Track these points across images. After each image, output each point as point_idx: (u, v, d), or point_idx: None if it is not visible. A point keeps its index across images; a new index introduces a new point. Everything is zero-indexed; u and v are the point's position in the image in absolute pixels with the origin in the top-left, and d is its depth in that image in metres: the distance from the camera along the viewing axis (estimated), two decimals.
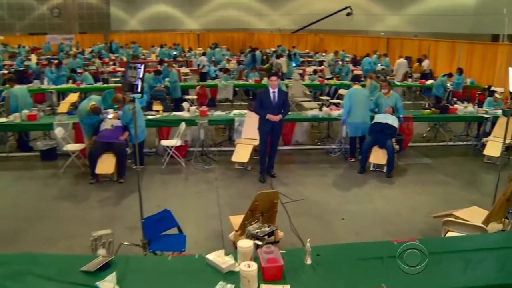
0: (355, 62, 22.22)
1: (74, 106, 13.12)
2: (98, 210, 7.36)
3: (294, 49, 26.77)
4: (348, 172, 9.23)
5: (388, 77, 17.04)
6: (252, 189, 7.95)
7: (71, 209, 7.36)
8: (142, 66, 5.15)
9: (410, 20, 29.67)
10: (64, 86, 15.28)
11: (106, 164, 8.47)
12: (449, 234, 5.02)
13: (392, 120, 9.30)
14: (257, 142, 9.28)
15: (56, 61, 17.44)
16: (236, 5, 37.31)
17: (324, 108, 10.59)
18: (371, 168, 9.21)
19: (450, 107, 11.22)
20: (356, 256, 3.92)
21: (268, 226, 4.54)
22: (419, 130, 11.73)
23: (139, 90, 5.14)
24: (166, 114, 10.48)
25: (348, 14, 28.67)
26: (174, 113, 10.66)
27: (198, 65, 20.52)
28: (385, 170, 9.08)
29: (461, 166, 9.80)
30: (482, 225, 5.01)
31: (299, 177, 8.74)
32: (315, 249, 3.87)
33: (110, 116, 9.31)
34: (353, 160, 9.68)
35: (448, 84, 15.76)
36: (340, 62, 18.56)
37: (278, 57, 21.76)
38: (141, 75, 5.13)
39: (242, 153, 9.02)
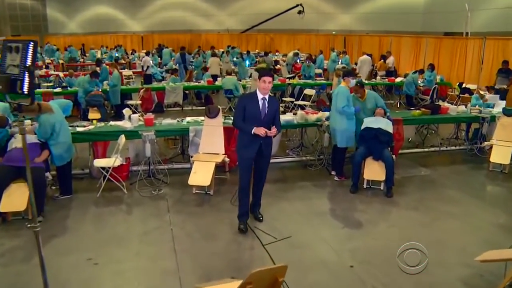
0: (311, 60, 20.29)
1: None
2: None
3: (235, 49, 24.75)
4: (338, 191, 7.11)
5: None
6: (219, 225, 5.78)
7: None
8: (32, 45, 2.80)
9: (361, 19, 28.31)
10: None
11: (16, 198, 5.94)
12: None
13: (386, 124, 7.29)
14: (219, 158, 7.01)
15: None
16: (181, 5, 34.70)
17: (299, 112, 8.38)
18: (365, 185, 7.14)
19: (442, 106, 9.34)
20: None
21: None
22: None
23: (25, 89, 2.80)
24: (101, 124, 7.98)
25: (300, 12, 26.80)
26: (112, 122, 8.18)
27: (142, 66, 17.94)
28: (382, 187, 7.04)
29: (465, 176, 7.91)
30: None
31: (277, 202, 6.54)
32: None
33: None
34: (343, 179, 7.55)
35: (419, 81, 14.08)
36: (305, 62, 16.56)
37: (266, 54, 19.94)
38: (29, 62, 2.80)
39: (201, 174, 6.71)
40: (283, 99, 13.68)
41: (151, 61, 18.16)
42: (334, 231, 5.74)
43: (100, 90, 11.92)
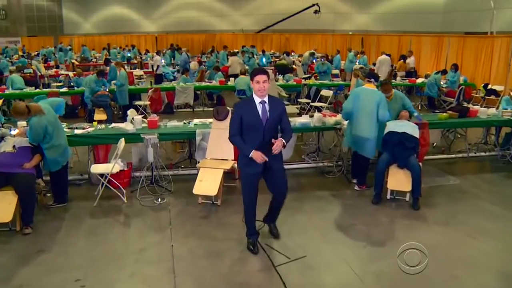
0: (328, 61, 19.56)
1: None
2: None
3: (253, 49, 24.20)
4: (358, 202, 6.37)
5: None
6: (225, 241, 5.11)
7: None
8: None
9: (378, 19, 27.38)
10: None
11: (2, 208, 5.33)
12: None
13: (412, 129, 6.55)
14: (228, 165, 6.33)
15: None
16: (195, 5, 34.10)
17: (317, 115, 7.65)
18: (388, 196, 6.40)
19: (470, 109, 8.54)
20: None
21: None
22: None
23: None
24: (102, 126, 7.36)
25: (316, 12, 26.03)
26: (114, 124, 7.55)
27: (153, 66, 17.36)
28: (407, 198, 6.29)
29: (500, 187, 7.09)
30: None
31: (291, 215, 5.82)
32: None
33: (14, 132, 6.19)
34: (364, 188, 6.82)
35: (442, 82, 13.25)
36: (319, 60, 15.85)
37: (288, 54, 19.44)
38: None
39: (207, 183, 6.03)
40: (299, 100, 12.96)
41: (162, 61, 17.60)
42: (355, 249, 5.01)
43: (107, 90, 11.33)
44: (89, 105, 11.13)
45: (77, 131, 6.95)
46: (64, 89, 12.21)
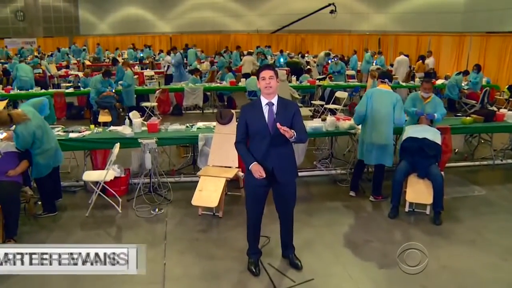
0: (344, 62, 18.92)
1: None
2: None
3: (268, 49, 23.70)
4: (374, 216, 5.77)
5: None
6: (224, 260, 4.55)
7: None
8: None
9: (396, 19, 26.53)
10: None
11: None
12: None
13: (433, 134, 5.92)
14: (231, 173, 5.77)
15: None
16: (211, 6, 33.59)
17: (329, 118, 7.05)
18: (407, 209, 5.77)
19: (497, 112, 7.86)
20: None
21: None
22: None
23: None
24: (99, 129, 6.86)
25: (332, 12, 25.35)
26: (112, 128, 7.05)
27: (163, 66, 16.91)
28: (428, 211, 5.67)
29: None
30: None
31: (299, 230, 5.23)
32: None
33: (1, 136, 5.71)
34: (380, 199, 6.22)
35: (463, 84, 12.53)
36: (333, 60, 15.23)
37: (303, 56, 19.12)
38: None
39: (208, 193, 5.49)
40: (312, 102, 12.36)
41: (173, 61, 17.14)
42: (369, 272, 4.42)
43: (113, 90, 10.88)
44: (94, 107, 10.69)
45: (72, 135, 6.48)
46: (70, 90, 11.81)
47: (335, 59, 14.72)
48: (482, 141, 8.68)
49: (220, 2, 33.47)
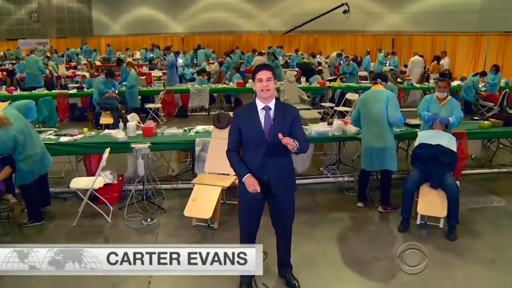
0: (356, 62, 18.40)
1: None
2: None
3: (280, 50, 23.29)
4: (382, 229, 5.29)
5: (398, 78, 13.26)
6: (215, 279, 4.09)
7: None
8: None
9: (410, 19, 25.82)
10: None
11: None
12: None
13: (448, 140, 5.41)
14: (228, 181, 5.34)
15: None
16: (223, 6, 33.22)
17: (336, 122, 6.57)
18: (418, 221, 5.28)
19: None
20: None
21: None
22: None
23: None
24: (92, 133, 6.48)
25: (345, 12, 24.81)
26: (106, 131, 6.67)
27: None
28: (441, 224, 5.17)
29: None
30: None
31: (300, 243, 4.78)
32: None
33: None
34: (389, 209, 5.73)
35: (481, 85, 11.93)
36: (345, 61, 14.75)
37: (314, 56, 18.75)
38: None
39: (202, 203, 5.06)
40: (322, 104, 11.87)
41: (180, 61, 16.79)
42: None
43: (116, 92, 10.53)
44: (97, 108, 10.36)
45: (62, 139, 6.10)
46: (73, 91, 11.50)
47: (346, 59, 14.19)
48: (501, 146, 8.14)
49: (233, 2, 33.12)
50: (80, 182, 5.50)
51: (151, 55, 21.95)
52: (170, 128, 6.64)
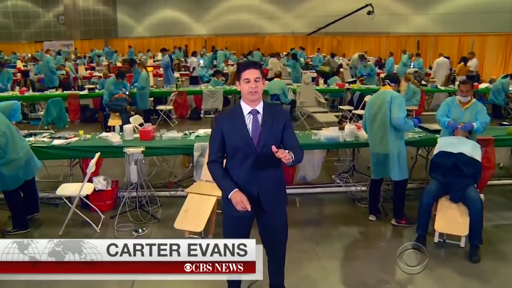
0: (380, 64, 17.73)
1: None
2: None
3: (302, 51, 22.75)
4: (394, 245, 4.63)
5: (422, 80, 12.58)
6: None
7: None
8: None
9: (437, 20, 24.84)
10: (4, 94, 11.03)
11: None
12: None
13: (472, 148, 4.81)
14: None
15: None
16: (247, 8, 32.82)
17: (348, 127, 6.00)
18: (436, 239, 4.68)
19: None
20: None
21: None
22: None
23: None
24: (88, 136, 6.08)
25: (369, 13, 24.07)
26: (104, 134, 6.27)
27: (189, 67, 16.22)
28: (462, 243, 4.56)
29: None
30: None
31: (301, 262, 4.26)
32: None
33: None
34: (403, 223, 5.16)
35: (511, 88, 11.16)
36: (360, 62, 14.11)
37: (333, 56, 18.16)
38: None
39: (194, 214, 4.59)
40: (340, 107, 11.29)
41: (201, 61, 16.47)
42: None
43: (127, 93, 10.18)
44: (107, 109, 10.04)
45: (55, 142, 5.73)
46: (84, 92, 11.23)
47: (363, 61, 13.57)
48: None
49: (256, 4, 32.70)
50: (67, 189, 5.10)
51: (173, 57, 21.70)
52: (170, 131, 6.19)
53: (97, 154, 5.10)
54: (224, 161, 3.22)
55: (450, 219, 4.51)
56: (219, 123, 3.16)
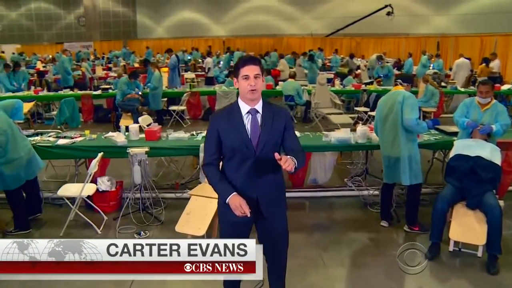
0: (399, 66, 17.34)
1: None
2: None
3: (320, 52, 22.47)
4: (407, 255, 4.46)
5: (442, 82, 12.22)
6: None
7: None
8: None
9: (458, 20, 24.28)
10: (19, 94, 11.04)
11: None
12: None
13: (491, 152, 4.53)
14: None
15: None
16: (265, 9, 32.67)
17: (360, 128, 5.75)
18: (451, 248, 4.41)
19: None
20: None
21: None
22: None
23: None
24: (94, 136, 5.96)
25: (389, 14, 23.68)
26: (110, 134, 6.15)
27: (204, 68, 16.12)
28: (479, 253, 4.28)
29: None
30: None
31: (305, 271, 4.04)
32: None
33: None
34: (417, 230, 4.90)
35: None
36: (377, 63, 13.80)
37: (352, 57, 17.96)
38: None
39: (196, 217, 4.42)
40: (356, 108, 11.02)
41: (221, 63, 16.37)
42: None
43: (140, 93, 10.08)
44: (119, 109, 9.96)
45: (60, 142, 5.62)
46: (98, 92, 11.19)
47: (380, 62, 13.27)
48: None
49: (275, 5, 32.54)
50: (69, 189, 4.98)
51: (189, 58, 21.67)
52: (177, 131, 6.04)
53: (100, 154, 4.96)
54: (220, 163, 3.03)
55: (466, 227, 4.24)
56: (215, 122, 2.94)
